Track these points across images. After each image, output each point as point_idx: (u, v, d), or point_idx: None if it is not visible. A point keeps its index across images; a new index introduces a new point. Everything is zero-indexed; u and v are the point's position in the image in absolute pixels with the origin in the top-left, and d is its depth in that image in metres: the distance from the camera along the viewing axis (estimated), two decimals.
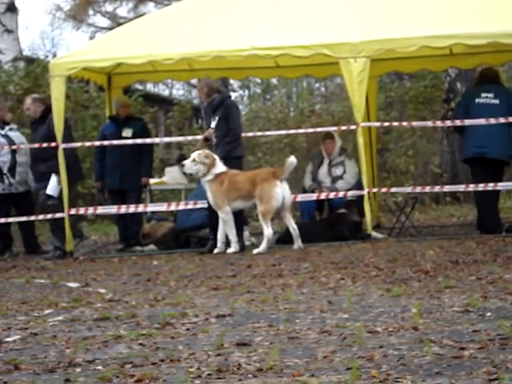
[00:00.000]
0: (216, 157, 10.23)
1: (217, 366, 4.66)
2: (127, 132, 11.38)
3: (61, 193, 10.87)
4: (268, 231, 10.10)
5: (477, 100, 10.87)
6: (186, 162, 10.22)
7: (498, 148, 10.66)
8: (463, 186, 11.13)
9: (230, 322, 5.92)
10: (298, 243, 10.24)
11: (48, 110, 11.11)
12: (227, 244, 10.28)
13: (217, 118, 10.42)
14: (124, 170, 11.33)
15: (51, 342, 5.59)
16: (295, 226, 10.31)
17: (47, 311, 6.84)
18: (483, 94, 10.87)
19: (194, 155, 10.22)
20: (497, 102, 10.77)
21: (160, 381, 4.44)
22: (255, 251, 10.01)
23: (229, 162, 10.28)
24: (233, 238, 10.17)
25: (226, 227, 10.18)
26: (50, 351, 5.31)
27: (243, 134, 13.45)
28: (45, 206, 11.00)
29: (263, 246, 10.07)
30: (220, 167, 10.22)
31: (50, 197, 10.87)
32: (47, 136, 10.92)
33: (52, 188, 10.85)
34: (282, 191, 10.14)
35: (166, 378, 4.48)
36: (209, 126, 10.57)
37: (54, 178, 10.83)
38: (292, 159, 10.21)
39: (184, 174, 11.25)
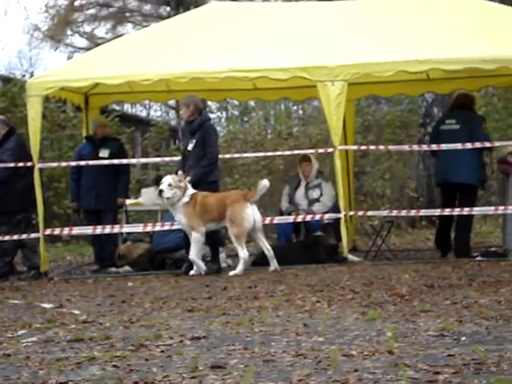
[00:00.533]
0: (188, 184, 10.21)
1: None
2: (104, 152, 11.35)
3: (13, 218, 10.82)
4: (243, 253, 10.09)
5: (442, 127, 11.22)
6: (164, 188, 10.17)
7: (461, 173, 10.83)
8: (439, 210, 11.18)
9: (205, 345, 5.89)
10: (273, 264, 10.23)
11: (11, 132, 11.05)
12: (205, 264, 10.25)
13: (194, 141, 10.40)
14: (100, 191, 11.29)
15: (24, 362, 5.55)
16: (269, 247, 10.32)
17: (21, 332, 6.78)
18: (447, 121, 11.20)
19: (169, 180, 10.20)
20: (457, 127, 10.97)
21: None
22: (231, 273, 9.98)
23: (204, 186, 10.26)
24: (196, 259, 10.13)
25: (193, 246, 10.13)
26: (23, 372, 5.26)
27: (221, 156, 13.48)
28: None
29: (239, 268, 10.05)
30: (191, 189, 10.22)
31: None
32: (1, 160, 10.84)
33: None
34: (252, 213, 10.14)
35: None
36: (185, 147, 10.55)
37: None
38: (265, 182, 10.20)
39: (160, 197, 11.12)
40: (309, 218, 11.10)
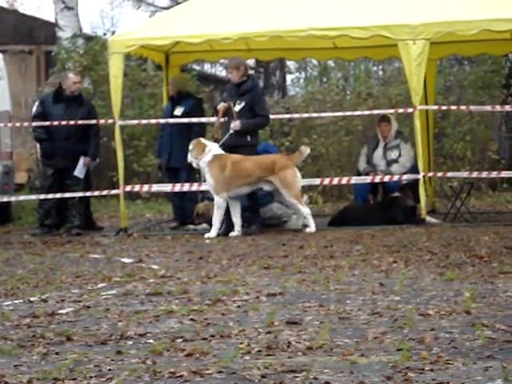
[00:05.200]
0: (206, 143, 10.26)
1: (266, 343, 4.68)
2: (178, 110, 11.37)
3: (86, 174, 11.07)
4: (307, 210, 10.26)
5: None
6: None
7: None
8: None
9: (281, 301, 5.93)
10: (311, 227, 10.17)
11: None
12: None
13: (243, 104, 10.37)
14: (173, 148, 11.33)
15: (104, 314, 5.67)
16: (309, 210, 10.37)
17: (100, 285, 6.92)
18: None
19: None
20: None
21: (210, 356, 4.47)
22: (308, 230, 10.09)
23: (245, 149, 10.26)
24: (217, 223, 10.15)
25: (217, 212, 10.15)
26: (103, 324, 5.38)
27: (298, 116, 13.43)
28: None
29: (312, 224, 10.13)
30: (215, 150, 10.19)
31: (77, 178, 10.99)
32: (86, 117, 10.98)
33: (79, 170, 10.95)
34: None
35: (216, 353, 4.51)
36: (228, 107, 10.44)
37: (81, 161, 10.94)
38: (308, 149, 10.41)
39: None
40: (387, 178, 11.01)
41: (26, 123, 11.30)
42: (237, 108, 10.38)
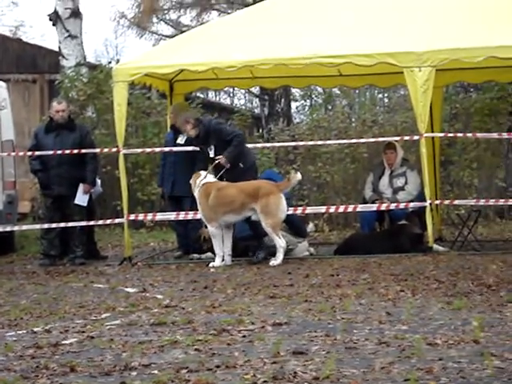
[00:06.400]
0: (202, 173, 10.19)
1: (272, 373, 4.61)
2: (180, 139, 11.35)
3: (88, 203, 11.05)
4: (281, 242, 9.89)
5: None
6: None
7: None
8: None
9: (287, 331, 5.86)
10: (279, 258, 9.84)
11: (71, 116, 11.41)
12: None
13: (213, 147, 10.34)
14: (176, 177, 11.30)
15: (108, 345, 5.60)
16: (284, 241, 9.99)
17: (104, 315, 6.86)
18: None
19: None
20: None
21: None
22: (271, 263, 9.83)
23: (242, 176, 10.15)
24: (220, 252, 10.06)
25: (214, 241, 10.08)
26: (107, 354, 5.32)
27: (303, 143, 13.38)
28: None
29: (280, 258, 9.86)
30: (206, 179, 10.11)
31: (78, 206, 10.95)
32: (79, 143, 10.99)
33: (80, 197, 10.92)
34: (285, 204, 9.98)
35: None
36: (206, 156, 10.43)
37: (80, 188, 10.92)
38: (299, 175, 10.13)
39: None
40: (393, 206, 10.94)
41: (29, 152, 11.28)
42: (211, 154, 10.35)
